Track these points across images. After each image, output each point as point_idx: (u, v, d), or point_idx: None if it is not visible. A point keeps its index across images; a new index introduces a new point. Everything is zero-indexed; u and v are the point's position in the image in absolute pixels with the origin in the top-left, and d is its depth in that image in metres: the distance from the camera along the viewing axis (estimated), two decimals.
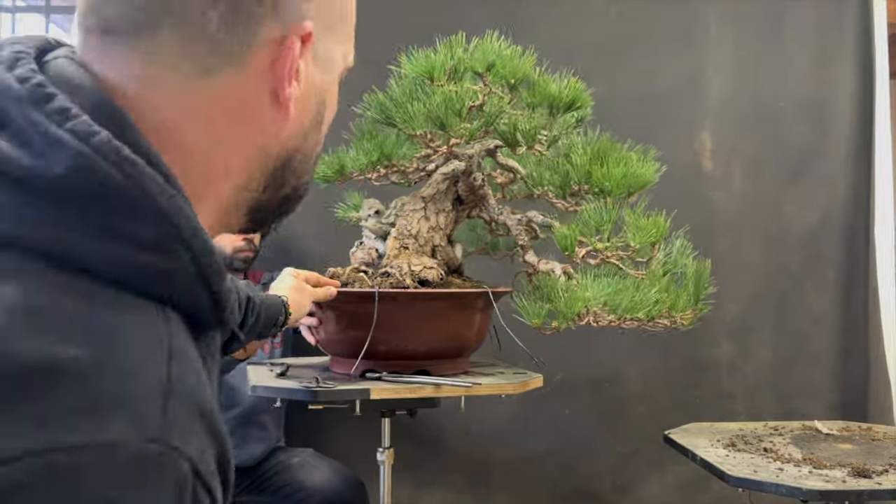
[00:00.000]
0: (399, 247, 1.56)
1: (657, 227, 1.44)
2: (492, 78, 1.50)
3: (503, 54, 1.50)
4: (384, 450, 1.60)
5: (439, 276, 1.53)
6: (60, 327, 0.42)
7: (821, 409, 2.51)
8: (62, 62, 0.51)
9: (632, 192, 1.50)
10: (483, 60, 1.49)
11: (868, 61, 2.58)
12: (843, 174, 2.59)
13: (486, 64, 1.49)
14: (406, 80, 1.54)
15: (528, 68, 1.50)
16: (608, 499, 2.57)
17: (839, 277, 2.59)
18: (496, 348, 1.64)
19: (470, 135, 1.50)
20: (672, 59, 2.59)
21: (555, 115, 1.53)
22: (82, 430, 0.39)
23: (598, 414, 2.56)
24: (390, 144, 1.59)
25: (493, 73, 1.50)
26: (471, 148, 1.57)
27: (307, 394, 1.40)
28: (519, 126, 1.49)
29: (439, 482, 2.53)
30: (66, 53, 0.52)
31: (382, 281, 1.52)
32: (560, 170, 1.54)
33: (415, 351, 1.51)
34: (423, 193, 1.60)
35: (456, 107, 1.45)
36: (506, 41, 1.52)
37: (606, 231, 1.43)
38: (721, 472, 1.45)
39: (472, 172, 1.56)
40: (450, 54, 1.49)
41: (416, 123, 1.47)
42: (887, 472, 1.44)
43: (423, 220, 1.57)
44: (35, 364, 0.40)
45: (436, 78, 1.49)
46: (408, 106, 1.48)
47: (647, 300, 1.38)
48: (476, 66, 1.50)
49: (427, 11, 2.47)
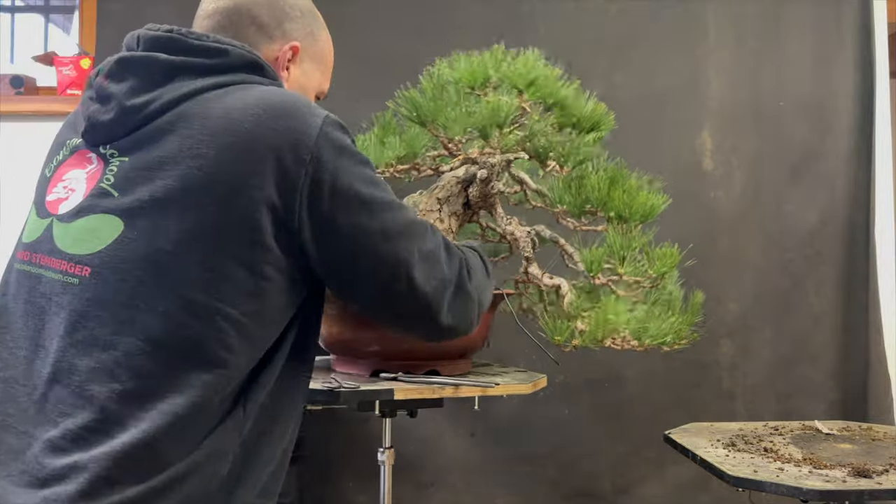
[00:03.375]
0: None
1: (671, 258, 1.51)
2: (528, 96, 1.54)
3: (542, 73, 1.54)
4: (384, 450, 1.60)
5: None
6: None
7: (821, 409, 2.51)
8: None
9: (644, 220, 1.54)
10: (525, 77, 1.53)
11: (868, 61, 2.58)
12: (843, 174, 2.59)
13: (526, 81, 1.53)
14: (437, 82, 1.57)
15: (565, 91, 1.55)
16: (608, 499, 2.57)
17: (839, 277, 2.59)
18: (527, 347, 1.65)
19: (505, 146, 1.52)
20: (672, 59, 2.58)
21: (579, 135, 1.56)
22: None
23: (598, 414, 2.55)
24: (419, 143, 1.61)
25: (531, 91, 1.53)
26: (493, 157, 1.57)
27: (330, 395, 1.39)
28: (555, 145, 1.53)
29: (439, 482, 2.53)
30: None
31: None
32: (580, 191, 1.57)
33: (424, 351, 1.50)
34: (437, 195, 1.60)
35: (500, 119, 1.48)
36: (541, 58, 1.56)
37: (629, 257, 1.48)
38: (721, 472, 1.45)
39: (491, 181, 1.57)
40: (495, 66, 1.52)
41: (455, 128, 1.49)
42: (887, 471, 1.44)
43: (437, 222, 1.58)
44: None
45: (477, 87, 1.51)
46: (448, 110, 1.50)
47: (671, 327, 1.45)
48: (518, 82, 1.53)
49: (427, 10, 2.47)
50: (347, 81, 2.06)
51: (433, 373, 1.51)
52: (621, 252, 1.48)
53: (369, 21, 2.07)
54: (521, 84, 1.53)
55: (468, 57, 1.56)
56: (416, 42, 1.52)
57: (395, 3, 2.38)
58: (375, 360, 1.51)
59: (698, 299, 1.58)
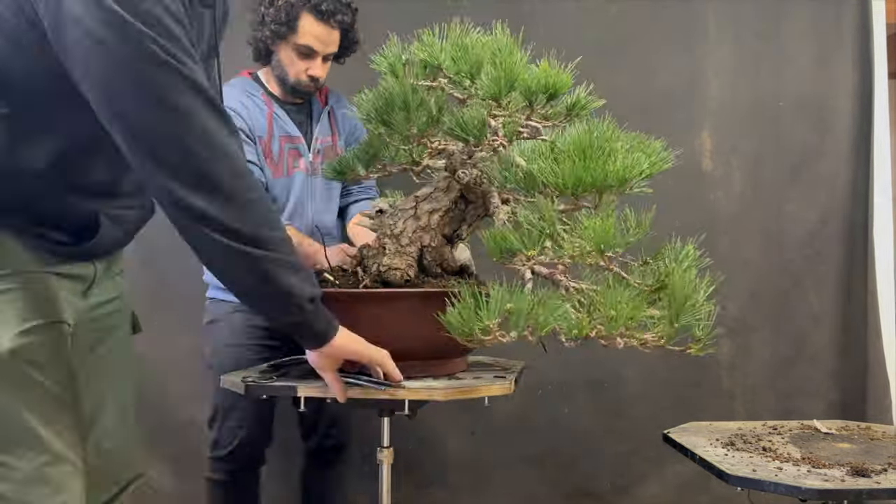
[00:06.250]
0: (378, 247, 1.55)
1: (602, 232, 1.22)
2: (452, 70, 1.44)
3: (463, 44, 1.43)
4: (383, 449, 1.60)
5: (403, 277, 1.49)
6: None
7: (820, 409, 2.52)
8: None
9: (603, 190, 1.28)
10: (436, 53, 1.43)
11: (867, 61, 2.58)
12: (842, 174, 2.60)
13: (439, 57, 1.43)
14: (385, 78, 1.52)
15: (479, 56, 1.41)
16: (608, 498, 2.57)
17: (839, 277, 2.59)
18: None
19: (419, 131, 1.44)
20: (672, 59, 2.59)
21: (533, 105, 1.41)
22: None
23: (598, 413, 2.56)
24: (379, 144, 1.57)
25: (450, 66, 1.44)
26: (453, 144, 1.52)
27: (242, 387, 1.45)
28: (464, 119, 1.40)
29: (439, 482, 2.54)
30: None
31: (345, 281, 1.52)
32: (536, 166, 1.35)
33: (409, 352, 1.45)
34: (417, 192, 1.57)
35: (398, 102, 1.40)
36: (472, 29, 1.46)
37: (542, 238, 1.25)
38: (720, 471, 1.45)
39: (456, 170, 1.51)
40: (401, 48, 1.45)
41: (371, 120, 1.45)
42: (886, 471, 1.45)
43: (411, 220, 1.54)
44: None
45: (399, 74, 1.45)
46: (369, 104, 1.46)
47: (568, 315, 1.19)
48: (432, 59, 1.44)
49: (426, 10, 2.46)
50: (355, 82, 2.07)
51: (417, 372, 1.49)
52: (533, 233, 1.25)
53: (369, 21, 2.09)
54: (436, 60, 1.44)
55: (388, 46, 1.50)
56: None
57: (394, 4, 2.39)
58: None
59: (677, 283, 1.25)
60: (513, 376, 1.54)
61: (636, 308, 1.20)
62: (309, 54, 1.99)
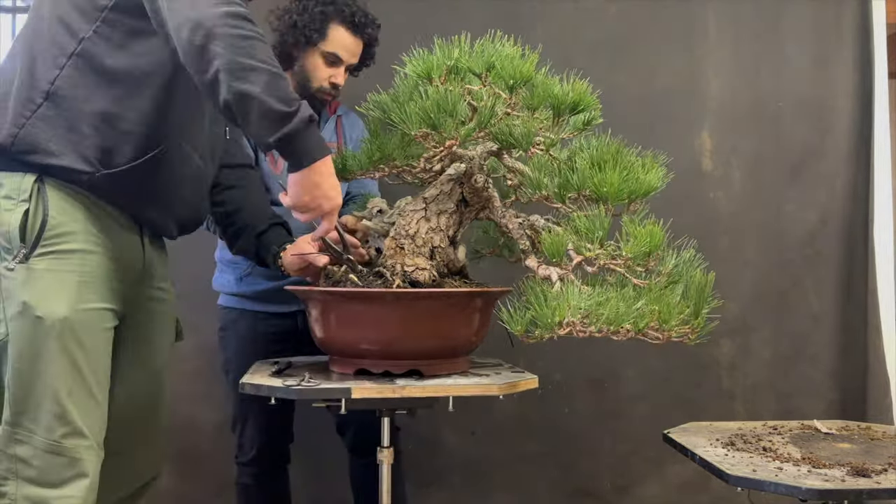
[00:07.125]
0: (395, 247, 1.56)
1: (652, 237, 1.37)
2: (492, 79, 1.49)
3: (504, 55, 1.48)
4: (383, 449, 1.60)
5: (431, 277, 1.52)
6: None
7: (820, 409, 2.52)
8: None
9: (633, 199, 1.46)
10: (481, 61, 1.48)
11: (867, 61, 2.58)
12: (842, 174, 2.60)
13: (484, 64, 1.48)
14: (409, 81, 1.54)
15: (529, 69, 1.48)
16: (608, 498, 2.57)
17: (839, 277, 2.60)
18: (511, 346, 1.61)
19: (464, 136, 1.48)
20: (672, 59, 2.59)
21: (559, 117, 1.51)
22: None
23: (598, 414, 2.56)
24: (392, 145, 1.59)
25: (493, 73, 1.48)
26: (473, 150, 1.57)
27: (288, 392, 1.43)
28: (513, 129, 1.48)
29: (439, 482, 2.54)
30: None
31: (373, 281, 1.52)
32: (562, 174, 1.51)
33: (405, 351, 1.50)
34: (425, 194, 1.59)
35: (448, 107, 1.43)
36: (509, 42, 1.50)
37: (598, 239, 1.38)
38: (720, 471, 1.45)
39: (473, 174, 1.56)
40: (447, 54, 1.48)
41: (412, 124, 1.47)
42: (886, 471, 1.45)
43: (422, 221, 1.57)
44: None
45: (434, 78, 1.48)
46: (405, 106, 1.47)
47: (630, 312, 1.30)
48: (475, 67, 1.49)
49: (426, 11, 2.47)
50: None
51: (416, 372, 1.50)
52: (587, 234, 1.38)
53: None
54: (479, 68, 1.48)
55: (426, 50, 1.51)
56: (415, 43, 1.52)
57: (394, 6, 2.39)
58: (364, 360, 1.52)
59: (696, 282, 1.40)
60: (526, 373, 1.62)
61: (683, 304, 1.37)
62: (335, 62, 2.02)
